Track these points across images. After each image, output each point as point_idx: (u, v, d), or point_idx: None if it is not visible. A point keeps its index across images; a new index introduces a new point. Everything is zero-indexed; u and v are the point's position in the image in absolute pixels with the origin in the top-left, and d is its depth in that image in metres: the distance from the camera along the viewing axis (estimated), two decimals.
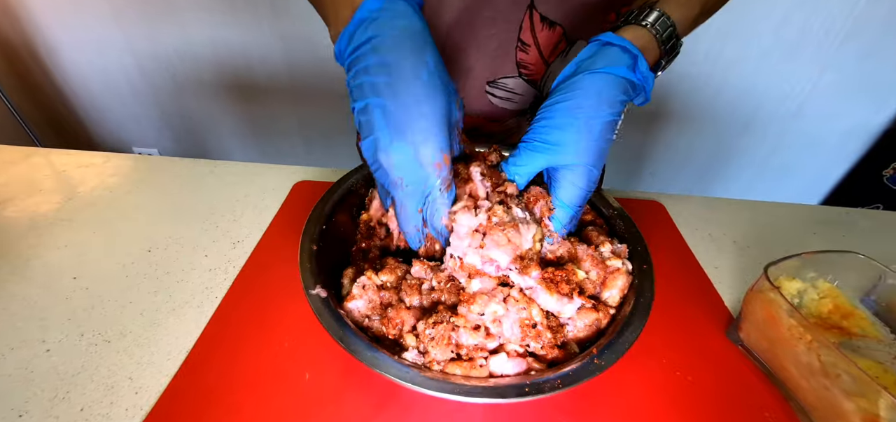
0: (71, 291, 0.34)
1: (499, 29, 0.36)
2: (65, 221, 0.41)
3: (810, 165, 1.26)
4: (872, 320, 0.32)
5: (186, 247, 0.38)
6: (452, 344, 0.21)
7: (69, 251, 0.38)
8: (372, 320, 0.24)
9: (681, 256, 0.39)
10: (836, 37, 1.01)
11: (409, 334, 0.22)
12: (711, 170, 1.31)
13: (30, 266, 0.36)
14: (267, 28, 1.11)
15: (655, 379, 0.29)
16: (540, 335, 0.22)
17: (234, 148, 1.43)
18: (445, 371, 0.21)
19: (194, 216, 0.42)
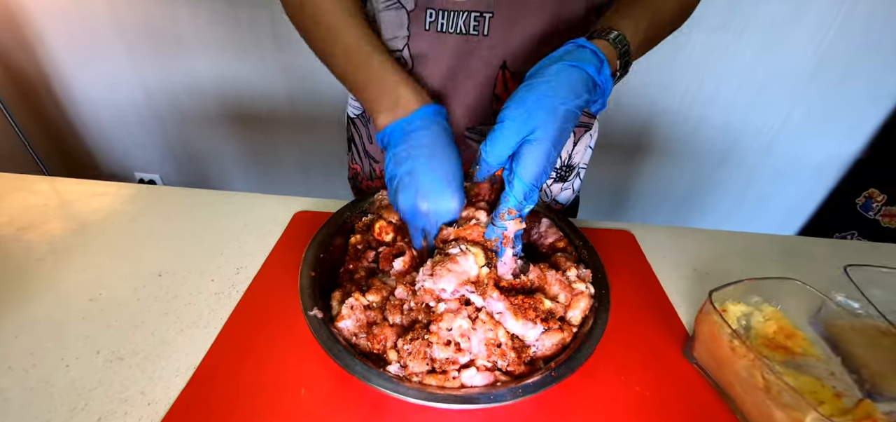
0: (87, 311, 0.37)
1: (476, 85, 0.41)
2: (80, 246, 0.44)
3: (785, 196, 1.31)
4: (813, 340, 0.35)
5: (194, 272, 0.42)
6: (427, 358, 0.25)
7: (85, 275, 0.41)
8: (359, 338, 0.28)
9: (646, 281, 0.43)
10: (802, 74, 1.09)
11: (392, 349, 0.26)
12: (691, 202, 1.36)
13: (50, 289, 0.39)
14: (270, 62, 1.18)
15: (616, 393, 0.32)
16: (505, 354, 0.25)
17: (235, 174, 1.47)
18: (423, 382, 0.24)
19: (201, 243, 0.46)
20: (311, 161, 1.38)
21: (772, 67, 1.08)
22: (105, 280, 0.41)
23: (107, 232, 0.47)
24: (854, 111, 1.15)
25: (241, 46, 1.16)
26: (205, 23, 1.14)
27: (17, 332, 0.35)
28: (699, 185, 1.31)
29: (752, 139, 1.21)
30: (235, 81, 1.24)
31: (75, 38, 1.21)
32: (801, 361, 0.35)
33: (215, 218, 0.50)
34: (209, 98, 1.28)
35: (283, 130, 1.32)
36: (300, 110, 1.26)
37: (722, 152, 1.24)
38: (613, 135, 1.21)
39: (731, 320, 0.35)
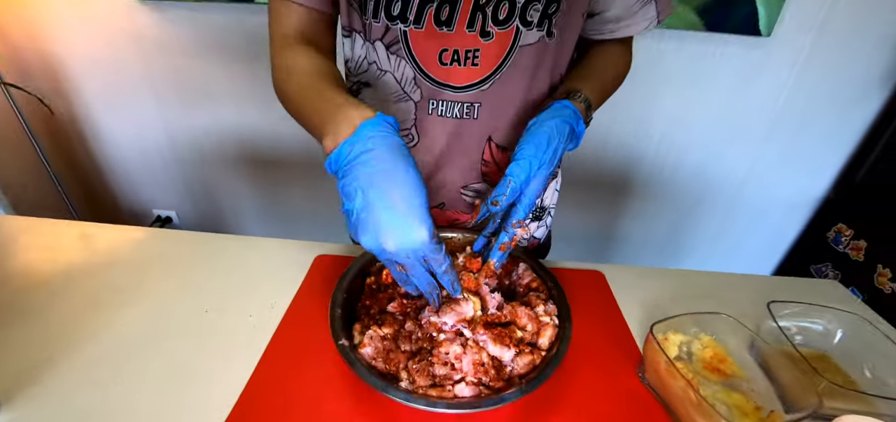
0: (145, 343, 0.45)
1: (469, 154, 0.51)
2: (132, 287, 0.53)
3: (761, 234, 1.41)
4: (743, 363, 0.43)
5: (233, 309, 0.50)
6: (430, 375, 0.33)
7: (142, 312, 0.49)
8: (377, 361, 0.36)
9: (611, 315, 0.51)
10: (765, 123, 1.21)
11: (403, 370, 0.34)
12: (673, 242, 1.46)
13: (114, 324, 0.47)
14: (285, 111, 1.30)
15: (580, 407, 0.40)
16: (487, 372, 0.34)
17: (247, 212, 1.57)
18: (427, 393, 0.32)
19: (238, 284, 0.54)
20: (318, 201, 1.48)
21: (737, 119, 1.20)
22: (160, 315, 0.49)
23: (154, 273, 0.55)
24: (816, 155, 1.26)
25: (260, 97, 1.28)
26: (229, 76, 1.26)
27: (89, 360, 0.43)
28: (680, 226, 1.41)
29: (725, 182, 1.31)
30: (253, 128, 1.36)
31: (109, 87, 1.34)
32: (732, 381, 0.43)
33: (248, 260, 0.59)
34: (228, 142, 1.40)
35: (293, 173, 1.43)
36: (309, 156, 1.37)
37: (697, 196, 1.34)
38: (599, 178, 1.32)
39: (673, 347, 0.43)
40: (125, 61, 1.27)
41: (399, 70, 0.47)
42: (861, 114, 1.19)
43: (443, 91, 0.47)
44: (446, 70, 0.46)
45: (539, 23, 0.43)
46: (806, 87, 1.14)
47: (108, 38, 1.23)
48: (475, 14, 0.42)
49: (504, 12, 0.42)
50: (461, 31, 0.43)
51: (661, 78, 1.14)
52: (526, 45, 0.44)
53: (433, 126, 0.50)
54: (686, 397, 0.38)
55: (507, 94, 0.48)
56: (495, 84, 0.46)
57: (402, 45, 0.45)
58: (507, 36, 0.44)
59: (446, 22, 0.43)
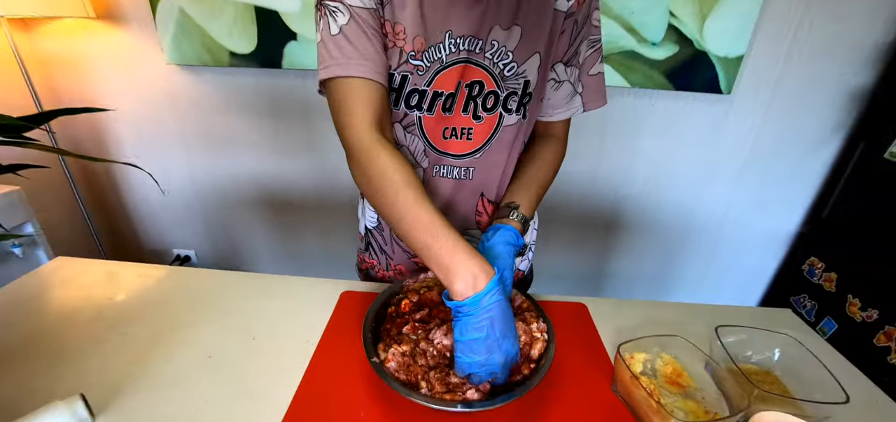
0: (206, 365, 0.55)
1: (465, 206, 0.64)
2: (188, 321, 0.63)
3: (743, 268, 1.51)
4: (696, 378, 0.53)
5: (276, 336, 0.60)
6: (445, 384, 0.43)
7: (201, 337, 0.59)
8: (399, 373, 0.46)
9: (591, 339, 0.61)
10: (737, 165, 1.34)
11: (422, 379, 0.44)
12: (661, 278, 1.56)
13: (175, 353, 0.57)
14: (302, 160, 1.44)
15: (563, 413, 0.49)
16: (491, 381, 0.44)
17: (262, 252, 1.67)
18: (444, 397, 0.42)
19: (277, 318, 0.64)
20: (329, 242, 1.60)
21: (710, 163, 1.33)
22: (213, 347, 0.58)
23: (204, 306, 0.66)
24: (785, 194, 1.38)
25: (280, 148, 1.42)
26: (251, 129, 1.41)
27: (164, 379, 0.53)
28: (668, 262, 1.51)
29: (707, 220, 1.43)
30: (271, 174, 1.49)
31: (144, 139, 1.48)
32: (688, 392, 0.52)
33: (282, 295, 0.69)
34: (248, 186, 1.52)
35: (307, 215, 1.54)
36: (323, 200, 1.50)
37: (682, 233, 1.45)
38: (587, 218, 1.44)
39: (638, 364, 0.53)
40: (161, 116, 1.42)
41: (413, 144, 0.60)
42: (821, 156, 1.33)
43: (445, 158, 0.60)
44: (447, 143, 0.59)
45: (517, 109, 0.57)
46: (769, 135, 1.28)
47: (148, 96, 1.38)
48: (469, 103, 0.56)
49: (491, 103, 0.56)
50: (458, 115, 0.56)
51: (639, 129, 1.28)
52: (507, 125, 0.58)
53: (438, 185, 0.62)
54: (648, 405, 0.48)
55: (494, 160, 0.60)
56: (485, 153, 0.59)
57: (416, 126, 0.58)
58: (493, 119, 0.57)
59: (448, 109, 0.56)
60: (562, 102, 0.61)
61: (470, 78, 0.54)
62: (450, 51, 0.53)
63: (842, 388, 0.47)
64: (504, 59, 0.54)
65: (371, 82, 0.50)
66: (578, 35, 0.57)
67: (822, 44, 1.16)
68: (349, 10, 0.49)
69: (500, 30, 0.53)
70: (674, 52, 1.13)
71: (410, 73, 0.54)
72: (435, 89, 0.55)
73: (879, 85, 1.21)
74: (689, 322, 0.65)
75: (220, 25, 1.20)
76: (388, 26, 0.52)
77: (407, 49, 0.52)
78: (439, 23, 0.51)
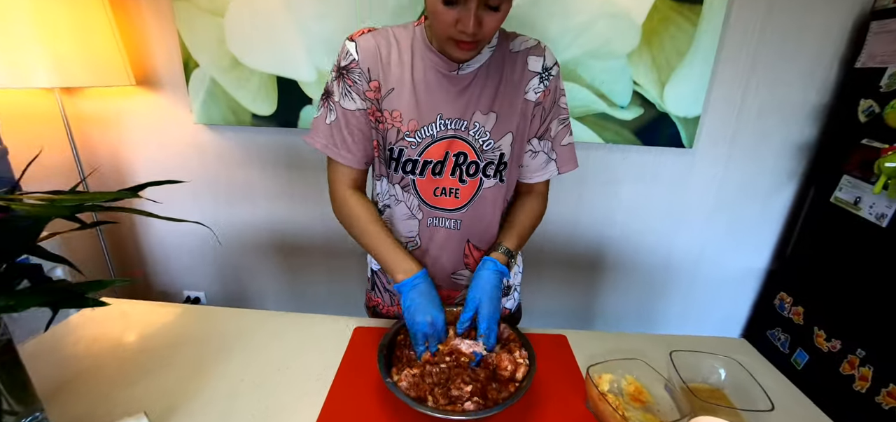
0: (238, 393, 0.65)
1: (454, 252, 0.76)
2: (221, 355, 0.73)
3: (721, 303, 1.62)
4: (655, 395, 0.63)
5: (301, 365, 0.70)
6: (448, 397, 0.53)
7: (229, 373, 0.69)
8: (410, 390, 0.56)
9: (569, 364, 0.72)
10: (706, 209, 1.49)
11: (430, 395, 0.54)
12: (645, 315, 1.66)
13: (213, 380, 0.67)
14: (312, 208, 1.57)
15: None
16: (484, 396, 0.54)
17: (269, 293, 1.76)
18: (446, 409, 0.52)
19: (299, 349, 0.74)
20: (334, 285, 1.70)
21: (681, 208, 1.48)
22: (246, 371, 0.69)
23: (233, 341, 0.76)
24: (752, 235, 1.52)
25: (293, 197, 1.56)
26: (266, 179, 1.55)
27: (202, 404, 0.62)
28: (651, 299, 1.63)
29: (683, 260, 1.56)
30: (282, 219, 1.61)
31: (169, 190, 1.61)
32: (648, 406, 0.62)
33: (303, 330, 0.79)
34: (261, 231, 1.64)
35: (314, 258, 1.66)
36: (332, 246, 1.62)
37: (661, 271, 1.58)
38: (573, 259, 1.56)
39: (605, 383, 0.63)
40: (187, 168, 1.55)
41: (409, 201, 0.74)
42: (780, 200, 1.48)
43: (436, 212, 0.74)
44: (438, 199, 0.73)
45: (494, 175, 0.71)
46: (731, 183, 1.44)
47: (175, 151, 1.53)
48: (456, 169, 0.70)
49: (473, 170, 0.70)
50: (447, 178, 0.71)
51: (615, 178, 1.44)
52: (487, 187, 0.72)
53: (431, 234, 0.76)
54: (614, 418, 0.58)
55: (477, 214, 0.74)
56: (469, 209, 0.73)
57: (411, 186, 0.72)
58: (475, 182, 0.71)
59: (439, 174, 0.70)
60: (539, 167, 0.76)
61: (456, 150, 0.69)
62: (440, 129, 0.68)
63: (769, 399, 0.58)
64: (483, 137, 0.69)
65: (351, 168, 0.73)
66: (548, 116, 0.72)
67: (768, 104, 1.34)
68: (339, 112, 0.69)
69: (480, 114, 0.68)
70: (639, 113, 1.30)
71: (405, 147, 0.69)
72: (425, 158, 0.69)
73: (821, 138, 1.39)
74: (653, 350, 0.76)
75: (245, 92, 1.37)
76: (386, 113, 0.68)
77: (403, 129, 0.68)
78: (432, 108, 0.67)
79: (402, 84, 0.66)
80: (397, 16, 1.25)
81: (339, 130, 0.69)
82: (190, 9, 1.29)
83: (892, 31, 1.15)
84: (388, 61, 0.66)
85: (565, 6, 1.19)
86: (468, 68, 0.67)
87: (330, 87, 0.69)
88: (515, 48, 0.69)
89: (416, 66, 0.67)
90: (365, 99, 0.67)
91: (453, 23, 0.56)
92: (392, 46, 0.67)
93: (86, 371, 0.68)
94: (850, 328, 1.23)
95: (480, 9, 0.55)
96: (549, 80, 0.70)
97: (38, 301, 0.43)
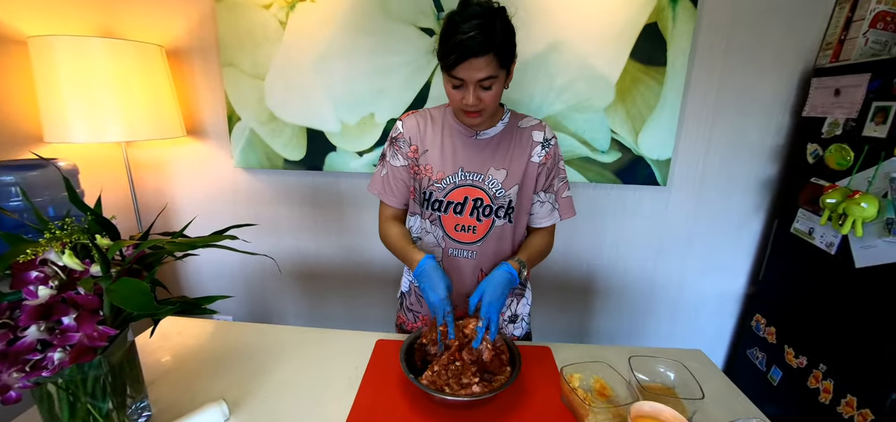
0: (286, 389, 0.82)
1: (469, 278, 0.95)
2: (268, 359, 0.91)
3: (706, 324, 1.77)
4: (617, 392, 0.80)
5: (334, 371, 0.88)
6: (458, 384, 0.71)
7: (277, 373, 0.87)
8: (430, 385, 0.74)
9: (550, 369, 0.88)
10: (682, 238, 1.66)
11: (446, 385, 0.72)
12: (635, 336, 1.81)
13: (267, 379, 0.85)
14: (333, 240, 1.77)
15: (527, 413, 0.76)
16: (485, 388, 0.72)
17: (291, 316, 1.94)
18: (458, 394, 0.70)
19: (330, 357, 0.92)
20: (352, 311, 1.88)
21: (660, 238, 1.66)
22: (290, 372, 0.86)
23: (278, 350, 0.94)
24: (727, 262, 1.69)
25: (316, 230, 1.76)
26: (293, 216, 1.76)
27: (262, 397, 0.80)
28: (640, 321, 1.78)
29: (666, 283, 1.72)
30: (306, 250, 1.81)
31: (204, 224, 1.83)
32: (610, 400, 0.79)
33: (332, 342, 0.97)
34: (285, 259, 1.84)
35: (334, 286, 1.84)
36: (349, 273, 1.81)
37: (647, 294, 1.74)
38: (567, 284, 1.73)
39: (576, 381, 0.80)
40: (222, 205, 1.78)
41: (434, 232, 0.94)
42: (750, 231, 1.65)
43: (456, 244, 0.94)
44: (458, 234, 0.93)
45: (504, 216, 0.92)
46: (704, 216, 1.62)
47: (214, 191, 1.76)
48: (473, 210, 0.90)
49: (487, 211, 0.91)
50: (466, 217, 0.91)
51: (600, 212, 1.63)
52: (498, 225, 0.92)
53: (451, 262, 0.95)
54: (582, 407, 0.75)
55: (490, 247, 0.94)
56: (484, 243, 0.93)
57: (437, 222, 0.92)
58: (488, 221, 0.92)
59: (459, 212, 0.91)
60: (545, 215, 0.96)
61: (474, 195, 0.90)
62: (461, 178, 0.90)
63: (701, 389, 0.75)
64: (496, 187, 0.90)
65: (393, 207, 0.98)
66: (551, 174, 0.94)
67: (731, 147, 1.54)
68: (389, 168, 0.95)
69: (494, 170, 0.90)
70: (618, 156, 1.51)
71: (434, 190, 0.91)
72: (449, 200, 0.91)
73: (780, 175, 1.58)
74: (620, 358, 0.93)
75: (279, 141, 1.60)
76: (422, 167, 0.91)
77: (433, 178, 0.90)
78: (455, 163, 0.89)
79: (434, 146, 0.90)
80: (408, 82, 1.48)
81: (388, 181, 0.95)
82: (236, 73, 1.55)
83: (828, 88, 1.35)
84: (425, 132, 0.91)
85: (549, 71, 1.42)
86: (485, 135, 0.90)
87: (385, 152, 0.95)
88: (523, 126, 0.93)
89: (445, 133, 0.91)
90: (406, 158, 0.92)
91: (460, 100, 0.79)
92: (428, 121, 0.92)
93: (172, 370, 0.86)
94: (814, 346, 1.37)
95: (477, 90, 0.77)
96: (549, 147, 0.92)
97: (172, 310, 0.63)
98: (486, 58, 0.73)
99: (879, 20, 1.27)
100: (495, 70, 0.75)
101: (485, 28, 0.70)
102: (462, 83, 0.76)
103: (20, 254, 0.51)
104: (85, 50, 1.29)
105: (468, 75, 0.74)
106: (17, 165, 1.21)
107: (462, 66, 0.73)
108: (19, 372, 0.50)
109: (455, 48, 0.72)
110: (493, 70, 0.74)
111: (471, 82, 0.75)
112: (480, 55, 0.72)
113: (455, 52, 0.72)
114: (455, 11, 0.74)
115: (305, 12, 1.45)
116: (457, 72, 0.74)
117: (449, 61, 0.74)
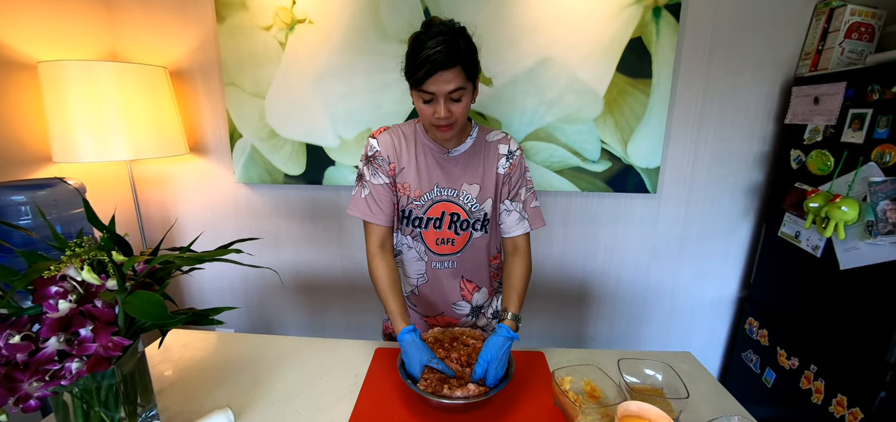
0: (292, 396, 0.85)
1: (450, 287, 1.00)
2: (273, 368, 0.94)
3: (701, 328, 1.80)
4: (607, 393, 0.83)
5: (335, 378, 0.91)
6: (452, 388, 0.74)
7: (282, 382, 0.90)
8: (426, 389, 0.77)
9: (543, 372, 0.92)
10: (674, 246, 1.70)
11: (440, 389, 0.75)
12: (631, 341, 1.84)
13: (272, 387, 0.88)
14: (333, 252, 1.81)
15: (521, 415, 0.79)
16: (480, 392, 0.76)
17: (291, 326, 1.97)
18: (453, 396, 0.73)
19: (332, 365, 0.95)
20: (352, 321, 1.90)
21: (652, 245, 1.70)
22: (295, 380, 0.89)
23: (283, 359, 0.97)
24: (719, 267, 1.72)
25: (316, 242, 1.80)
26: (293, 229, 1.80)
27: (267, 403, 0.83)
28: (636, 327, 1.81)
29: (659, 289, 1.75)
30: (306, 262, 1.85)
31: (205, 240, 1.87)
32: (600, 401, 0.82)
33: (333, 351, 1.01)
34: (287, 273, 1.87)
35: (333, 296, 1.87)
36: (348, 284, 1.84)
37: (641, 300, 1.77)
38: (563, 291, 1.77)
39: (567, 384, 0.84)
40: (224, 220, 1.82)
41: (417, 247, 0.98)
42: (739, 236, 1.69)
43: (437, 256, 0.97)
44: (439, 247, 0.97)
45: (480, 228, 0.96)
46: (694, 222, 1.67)
47: (217, 206, 1.80)
48: (451, 224, 0.94)
49: (464, 225, 0.95)
50: (445, 231, 0.95)
51: (593, 221, 1.67)
52: (476, 237, 0.96)
53: (433, 273, 0.99)
54: (573, 408, 0.78)
55: (469, 257, 0.98)
56: (463, 253, 0.97)
57: (419, 237, 0.96)
58: (466, 234, 0.96)
59: (438, 227, 0.95)
60: (514, 223, 0.99)
61: (451, 210, 0.94)
62: (438, 195, 0.93)
63: (686, 389, 0.78)
64: (471, 201, 0.94)
65: (378, 225, 0.93)
66: (516, 185, 0.97)
67: (717, 154, 1.59)
68: (371, 187, 0.93)
69: (467, 185, 0.94)
70: (609, 166, 1.55)
71: (413, 208, 0.94)
72: (428, 216, 0.94)
73: (766, 181, 1.62)
74: (609, 361, 0.96)
75: (279, 156, 1.65)
76: (400, 185, 0.94)
77: (411, 195, 0.93)
78: (430, 180, 0.93)
79: (410, 164, 0.93)
80: (403, 97, 1.54)
81: (372, 200, 0.93)
82: (238, 92, 1.60)
83: (808, 96, 1.41)
84: (401, 150, 0.93)
85: (539, 85, 1.47)
86: (456, 152, 0.93)
87: (361, 172, 0.94)
88: (490, 139, 0.96)
89: (419, 151, 0.93)
90: (388, 176, 0.93)
91: (432, 114, 0.82)
92: (401, 139, 0.93)
93: (179, 380, 0.89)
94: (805, 347, 1.40)
95: (448, 102, 0.81)
96: (513, 158, 0.96)
97: (183, 320, 0.66)
98: (454, 70, 0.76)
99: (854, 31, 1.33)
100: (463, 81, 0.78)
101: (450, 43, 0.74)
102: (432, 97, 0.80)
103: (43, 271, 0.55)
104: (92, 73, 1.34)
105: (438, 88, 0.78)
106: (28, 185, 1.25)
107: (432, 80, 0.76)
108: (39, 381, 0.54)
109: (424, 63, 0.75)
110: (461, 81, 0.78)
111: (441, 95, 0.79)
112: (448, 68, 0.75)
113: (424, 67, 0.75)
114: (420, 32, 0.79)
115: (304, 34, 1.51)
116: (427, 85, 0.78)
117: (419, 77, 0.77)
